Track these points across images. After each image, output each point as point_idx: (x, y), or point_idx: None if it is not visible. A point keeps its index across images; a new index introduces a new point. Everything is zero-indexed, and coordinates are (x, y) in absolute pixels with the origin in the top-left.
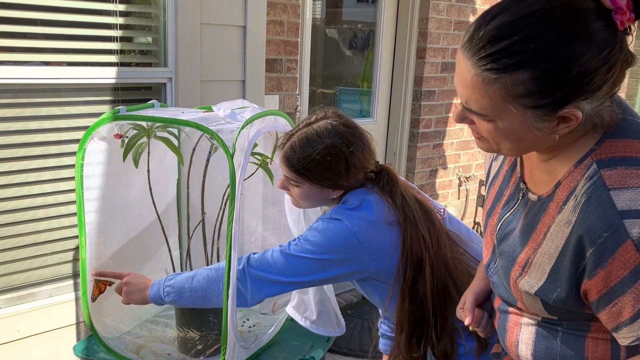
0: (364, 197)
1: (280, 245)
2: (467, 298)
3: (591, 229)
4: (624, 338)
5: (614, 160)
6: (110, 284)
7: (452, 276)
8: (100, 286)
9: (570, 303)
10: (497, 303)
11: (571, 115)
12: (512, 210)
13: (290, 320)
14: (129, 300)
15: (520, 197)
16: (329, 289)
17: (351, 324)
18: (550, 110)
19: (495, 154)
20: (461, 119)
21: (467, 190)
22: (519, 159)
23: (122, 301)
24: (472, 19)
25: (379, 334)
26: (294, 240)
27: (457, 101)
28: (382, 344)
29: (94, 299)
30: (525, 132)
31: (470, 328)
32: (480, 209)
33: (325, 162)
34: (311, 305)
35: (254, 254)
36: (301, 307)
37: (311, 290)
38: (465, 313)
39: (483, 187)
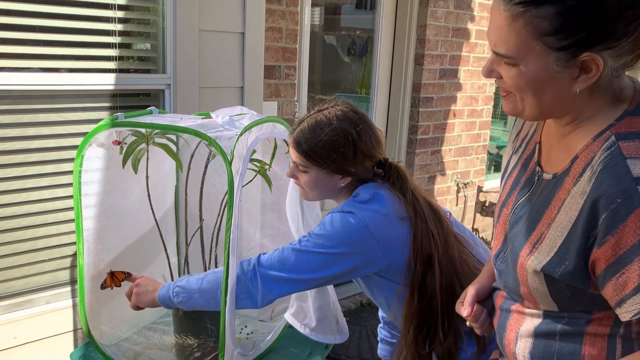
0: (376, 191)
1: (290, 243)
2: (469, 292)
3: (605, 194)
4: (626, 312)
5: (633, 134)
6: (127, 275)
7: (458, 276)
8: (115, 280)
9: (577, 277)
10: (499, 301)
11: (592, 63)
12: (527, 195)
13: (289, 327)
14: (138, 301)
15: (535, 181)
16: (332, 294)
17: (350, 330)
18: (571, 55)
19: (517, 147)
20: (489, 72)
21: (465, 196)
22: (537, 147)
23: (131, 303)
24: (470, 26)
25: (378, 339)
26: (305, 236)
27: (454, 108)
28: (381, 349)
29: (103, 287)
30: (548, 80)
31: (468, 323)
32: (478, 216)
33: (332, 142)
34: (310, 312)
35: (264, 254)
36: (300, 314)
37: (310, 297)
38: (465, 305)
39: (481, 194)
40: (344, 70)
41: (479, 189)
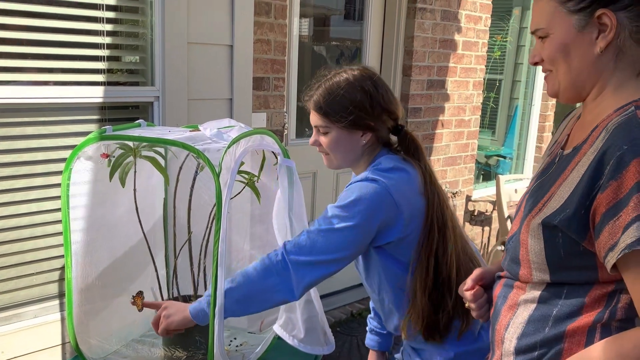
0: (397, 163)
1: (312, 225)
2: (474, 272)
3: (614, 143)
4: (612, 257)
5: None
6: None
7: (465, 251)
8: (138, 302)
9: (574, 225)
10: (497, 291)
11: (606, 19)
12: (547, 175)
13: (278, 338)
14: (169, 323)
15: (556, 162)
16: (319, 305)
17: (340, 341)
18: (589, 15)
19: (549, 147)
20: (533, 58)
21: (454, 205)
22: (567, 138)
23: (161, 329)
24: (456, 37)
25: (368, 329)
26: (325, 214)
27: (442, 118)
28: (370, 340)
29: (141, 310)
30: (572, 41)
31: (467, 304)
32: (467, 225)
33: (350, 96)
34: (299, 323)
35: (288, 241)
36: (289, 325)
37: (299, 309)
38: (467, 281)
39: (470, 203)
40: None
41: (468, 198)
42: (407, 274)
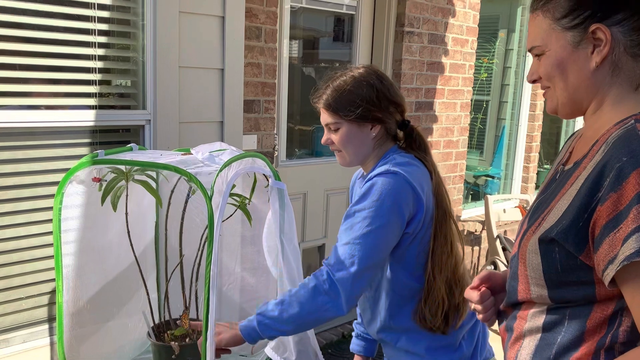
0: (412, 160)
1: (343, 237)
2: (481, 273)
3: (613, 155)
4: (612, 270)
5: None
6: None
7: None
8: (184, 321)
9: (571, 236)
10: (502, 326)
11: (600, 34)
12: (547, 192)
13: None
14: (219, 340)
15: (557, 177)
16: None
17: None
18: (583, 31)
19: (553, 166)
20: (531, 75)
21: None
22: (569, 155)
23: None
24: (444, 59)
25: (354, 334)
26: (349, 221)
27: (430, 139)
28: (356, 344)
29: (187, 327)
30: (568, 57)
31: (472, 307)
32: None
33: (357, 91)
34: (290, 345)
35: (326, 260)
36: (280, 347)
37: None
38: (473, 280)
39: (459, 223)
40: None
41: (457, 219)
42: (409, 275)
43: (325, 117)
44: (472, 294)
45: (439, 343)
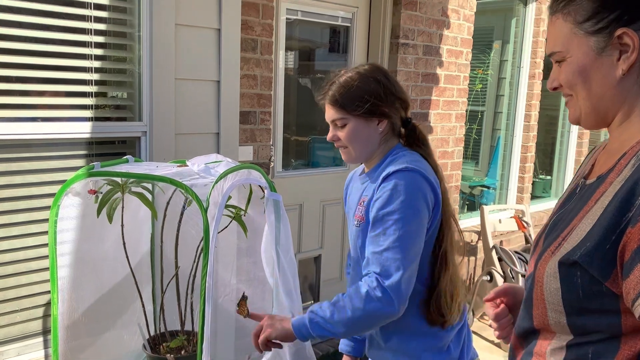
0: (419, 157)
1: (378, 240)
2: (499, 287)
3: None
4: None
5: None
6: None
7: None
8: (242, 309)
9: (596, 261)
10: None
11: (627, 39)
12: (566, 207)
13: None
14: (270, 332)
15: (577, 191)
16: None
17: None
18: (608, 36)
19: (573, 179)
20: (551, 82)
21: None
22: (592, 167)
23: (263, 337)
24: (438, 71)
25: None
26: (385, 227)
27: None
28: (345, 345)
29: (246, 316)
30: (591, 64)
31: (490, 323)
32: None
33: (364, 86)
34: (286, 356)
35: (367, 268)
36: (276, 358)
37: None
38: (490, 292)
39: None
40: (319, 113)
41: None
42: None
43: (331, 114)
44: (488, 310)
45: (429, 345)
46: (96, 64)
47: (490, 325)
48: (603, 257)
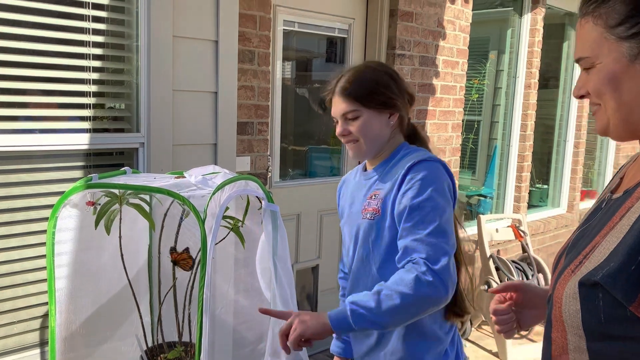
0: (429, 153)
1: (417, 228)
2: (510, 282)
3: None
4: None
5: None
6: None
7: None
8: None
9: (620, 283)
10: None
11: None
12: (590, 222)
13: None
14: (305, 329)
15: (603, 206)
16: (302, 350)
17: None
18: None
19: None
20: (578, 90)
21: None
22: (620, 180)
23: (297, 334)
24: (435, 81)
25: (334, 336)
26: (419, 214)
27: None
28: (336, 346)
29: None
30: (623, 72)
31: (492, 318)
32: None
33: (375, 78)
34: None
35: (414, 255)
36: None
37: (283, 354)
38: (500, 285)
39: None
40: (316, 122)
41: None
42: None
43: (342, 107)
44: (491, 304)
45: (432, 349)
46: (94, 75)
47: (492, 320)
48: (628, 278)
